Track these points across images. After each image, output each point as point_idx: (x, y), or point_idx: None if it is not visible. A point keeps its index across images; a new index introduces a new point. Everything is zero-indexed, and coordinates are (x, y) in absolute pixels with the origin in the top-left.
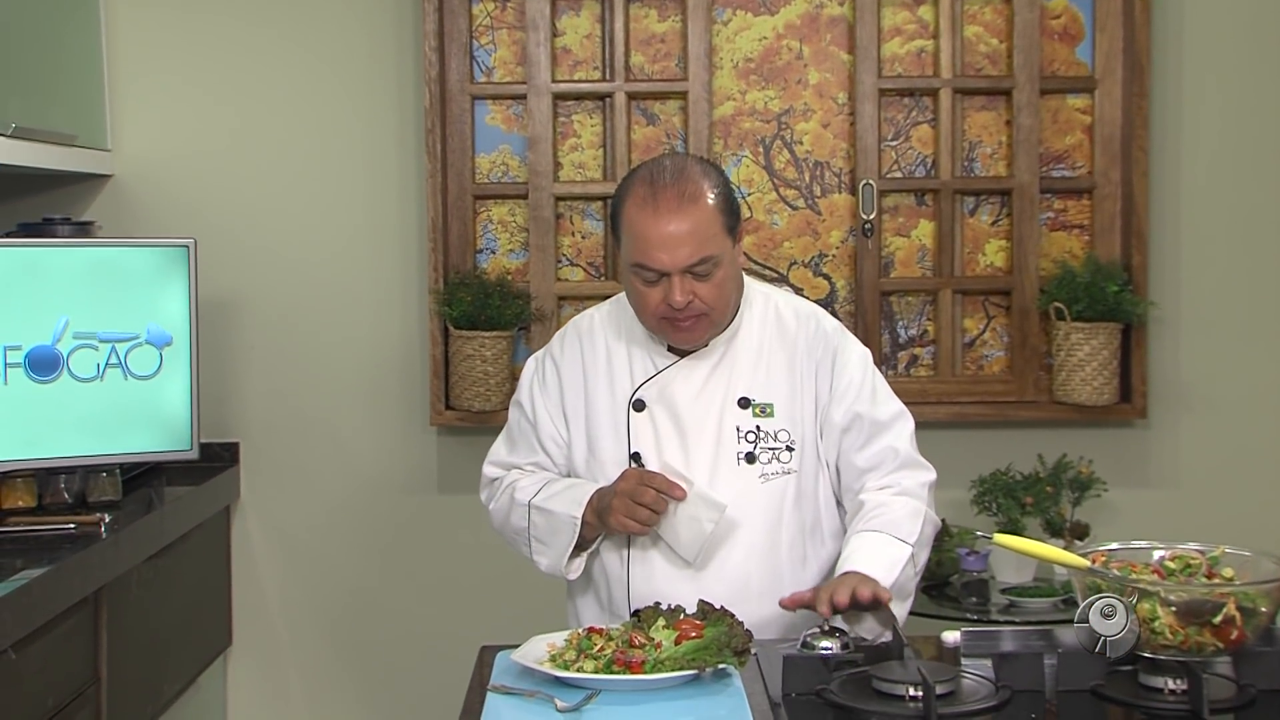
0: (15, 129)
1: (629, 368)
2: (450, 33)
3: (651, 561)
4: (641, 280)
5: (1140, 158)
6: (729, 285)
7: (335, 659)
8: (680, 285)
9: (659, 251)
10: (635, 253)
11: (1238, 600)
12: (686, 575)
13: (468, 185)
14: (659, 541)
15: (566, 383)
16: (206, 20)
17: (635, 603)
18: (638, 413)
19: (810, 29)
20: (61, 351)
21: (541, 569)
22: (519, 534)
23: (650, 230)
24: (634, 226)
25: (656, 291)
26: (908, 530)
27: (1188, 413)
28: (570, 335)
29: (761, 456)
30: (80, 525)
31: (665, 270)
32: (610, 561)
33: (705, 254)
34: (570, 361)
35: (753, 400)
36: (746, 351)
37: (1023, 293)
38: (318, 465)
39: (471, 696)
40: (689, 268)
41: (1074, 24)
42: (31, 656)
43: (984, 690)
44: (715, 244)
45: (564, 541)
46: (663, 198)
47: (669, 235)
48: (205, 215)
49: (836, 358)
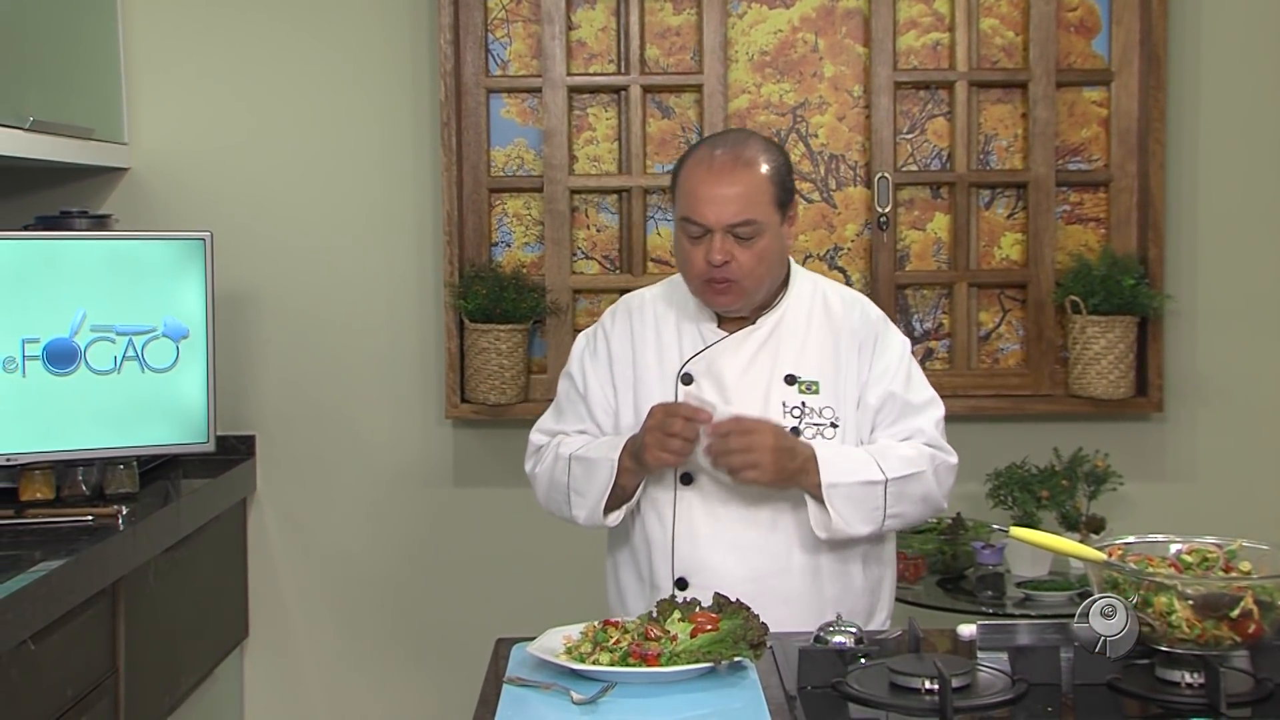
0: (33, 123)
1: (678, 342)
2: (465, 26)
3: (697, 531)
4: (687, 236)
5: (1157, 150)
6: (769, 257)
7: (351, 651)
8: (720, 244)
9: (706, 207)
10: (684, 207)
11: (1255, 594)
12: (730, 545)
13: (483, 178)
14: (705, 512)
15: (616, 355)
16: (223, 14)
17: (679, 572)
18: (686, 386)
19: (825, 22)
20: (79, 344)
21: (580, 522)
22: (559, 491)
23: (701, 186)
24: (688, 183)
25: (700, 249)
26: (891, 466)
27: (1204, 406)
28: (621, 311)
29: (806, 432)
30: (98, 517)
31: (708, 226)
32: (654, 531)
33: (749, 217)
34: (620, 335)
35: (799, 377)
36: (793, 330)
37: (1038, 286)
38: (334, 458)
39: (487, 689)
40: (731, 227)
41: (1090, 16)
42: (50, 647)
43: (1000, 683)
44: (761, 211)
45: (600, 486)
46: (720, 159)
47: (718, 193)
48: (222, 208)
49: (878, 342)
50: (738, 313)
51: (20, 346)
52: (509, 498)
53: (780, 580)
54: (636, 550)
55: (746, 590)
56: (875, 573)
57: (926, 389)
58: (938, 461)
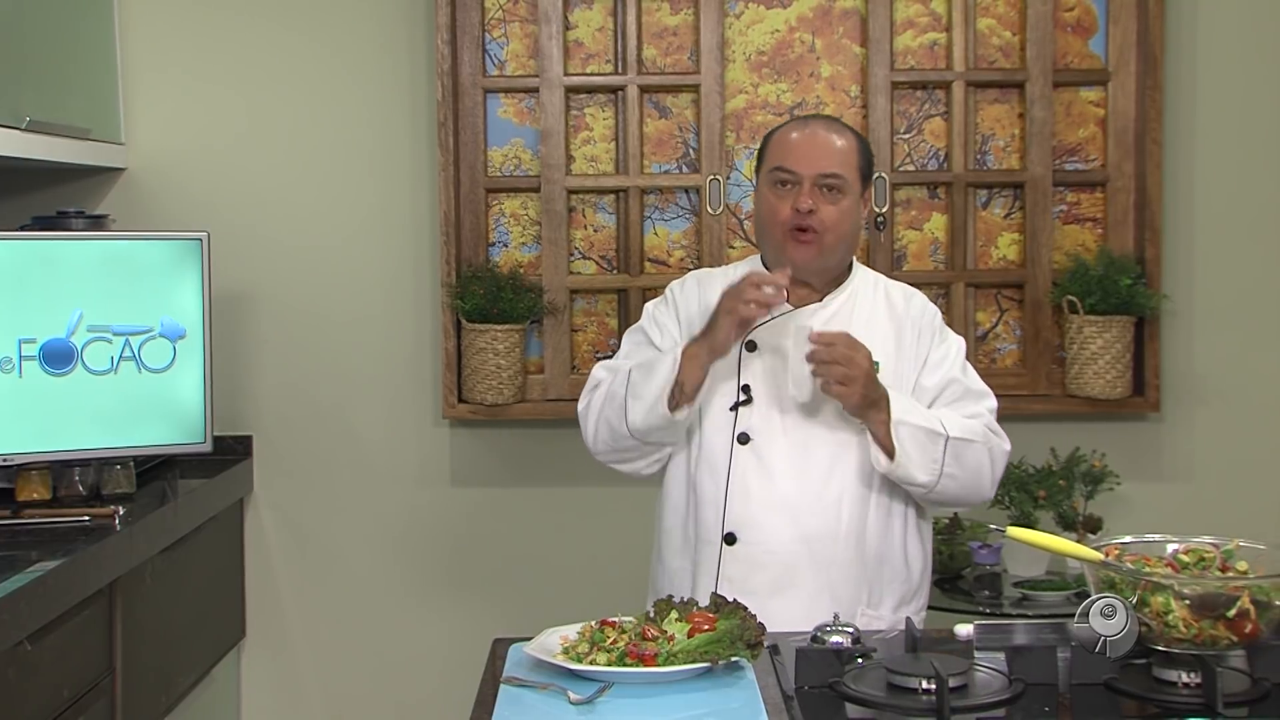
0: (30, 123)
1: None
2: (462, 26)
3: (749, 488)
4: (776, 187)
5: (1154, 150)
6: (849, 220)
7: (348, 651)
8: (810, 191)
9: (800, 152)
10: (776, 157)
11: (1252, 594)
12: (781, 504)
13: (480, 178)
14: (759, 469)
15: (683, 319)
16: (219, 14)
17: (729, 526)
18: (750, 352)
19: (823, 22)
20: (76, 344)
21: (638, 423)
22: (614, 406)
23: (796, 138)
24: (782, 139)
25: (787, 200)
26: (954, 425)
27: (1201, 406)
28: (690, 279)
29: None
30: (95, 518)
31: (800, 174)
32: (706, 486)
33: (838, 170)
34: (689, 300)
35: None
36: (857, 312)
37: (1035, 286)
38: (331, 458)
39: (484, 689)
40: (822, 177)
41: (1087, 16)
42: (47, 648)
43: (997, 683)
44: (848, 169)
45: (661, 380)
46: (814, 122)
47: (811, 144)
48: (219, 208)
49: (938, 333)
50: (812, 274)
51: (17, 347)
52: (506, 497)
53: (827, 545)
54: (687, 506)
55: (793, 551)
56: (917, 552)
57: (981, 383)
58: (993, 442)
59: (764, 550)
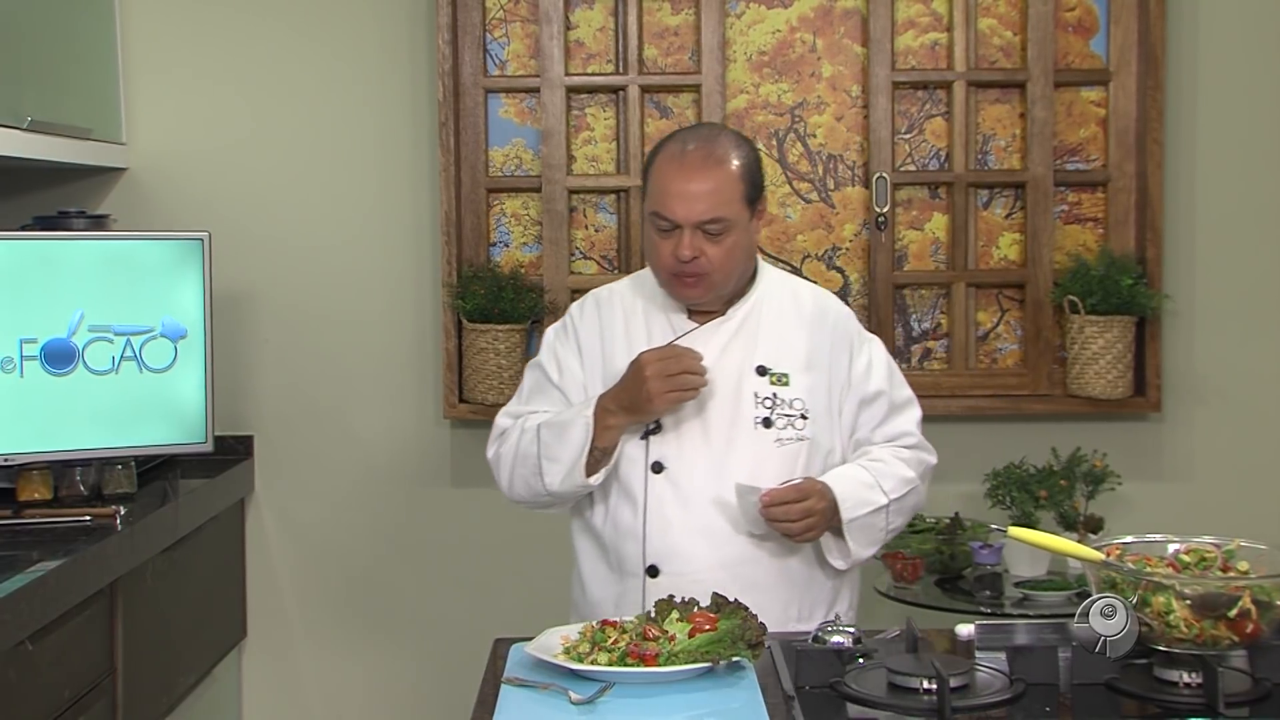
0: (31, 123)
1: (647, 333)
2: (463, 26)
3: (669, 519)
4: (657, 230)
5: (1155, 150)
6: (738, 253)
7: (349, 651)
8: (690, 240)
9: (676, 203)
10: (655, 202)
11: (1253, 594)
12: (703, 532)
13: (481, 178)
14: (676, 499)
15: (586, 347)
16: (220, 14)
17: (651, 559)
18: None
19: (824, 22)
20: (77, 344)
21: (553, 489)
22: (527, 464)
23: (672, 183)
24: (658, 179)
25: (669, 243)
26: (892, 487)
27: (1202, 406)
28: (589, 303)
29: (778, 422)
30: (96, 517)
31: (678, 222)
32: (625, 518)
33: (718, 215)
34: (589, 327)
35: (770, 369)
36: (764, 323)
37: (1036, 286)
38: (332, 458)
39: (485, 689)
40: (701, 224)
41: (1088, 16)
42: (48, 648)
43: (998, 683)
44: (731, 209)
45: (576, 446)
46: (691, 155)
47: (689, 190)
48: (220, 208)
49: (856, 338)
50: (707, 305)
51: (18, 347)
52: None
53: (751, 568)
54: (604, 539)
55: (718, 577)
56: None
57: (906, 387)
58: (924, 467)
59: (689, 580)
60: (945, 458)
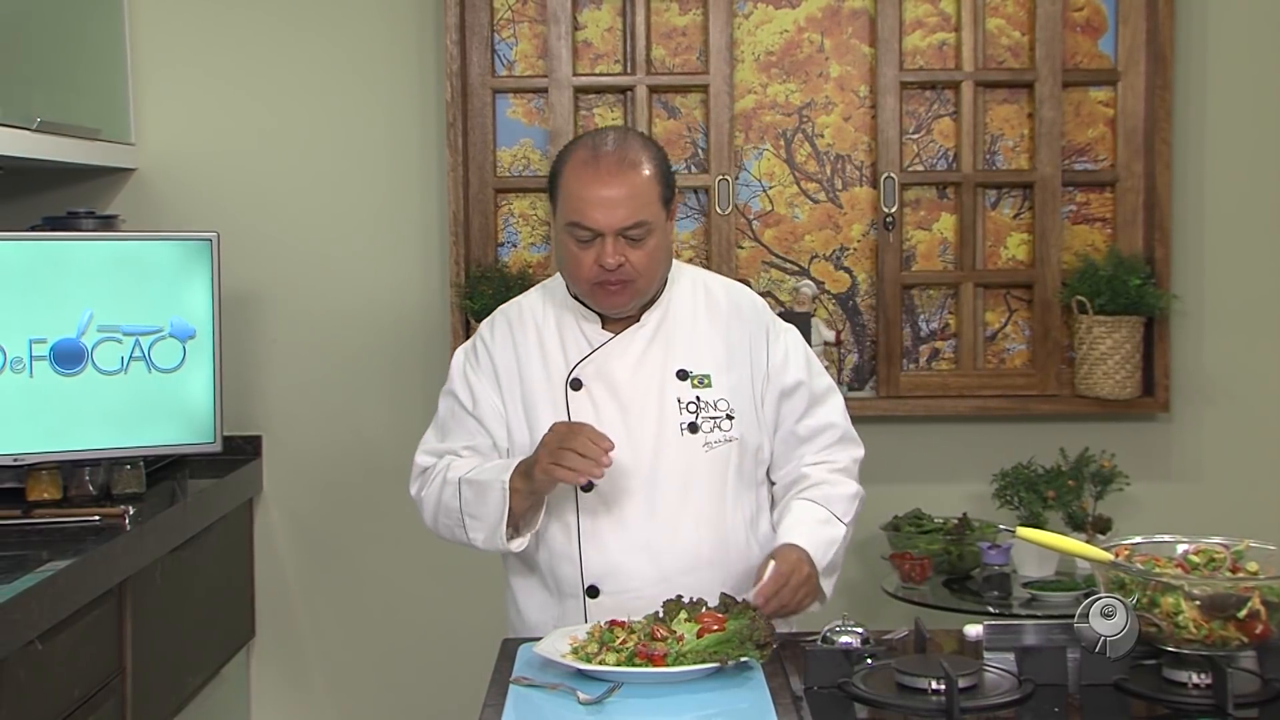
0: (40, 123)
1: (562, 348)
2: (471, 26)
3: (604, 537)
4: (575, 241)
5: (1163, 150)
6: (659, 255)
7: (357, 651)
8: (613, 247)
9: (596, 211)
10: (572, 212)
11: (1262, 594)
12: (639, 547)
13: (489, 179)
14: (609, 516)
15: (500, 366)
16: (228, 14)
17: (589, 580)
18: (575, 391)
19: (831, 22)
20: (86, 344)
21: (480, 546)
22: (450, 516)
23: (589, 191)
24: (573, 187)
25: (590, 253)
26: (844, 510)
27: (1210, 406)
28: (499, 320)
29: (704, 426)
30: (105, 517)
31: (600, 231)
32: (558, 540)
33: (640, 219)
34: (501, 346)
35: (691, 372)
36: (679, 325)
37: (1044, 286)
38: (340, 458)
39: (494, 689)
40: (623, 230)
41: (1096, 16)
42: (57, 647)
43: (1007, 684)
44: (650, 211)
45: (495, 510)
46: (604, 162)
47: (607, 197)
48: (228, 209)
49: (770, 329)
50: (624, 312)
51: (28, 347)
52: None
53: (691, 578)
54: (538, 563)
55: (658, 591)
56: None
57: (825, 376)
58: (857, 467)
59: (631, 595)
60: (953, 458)
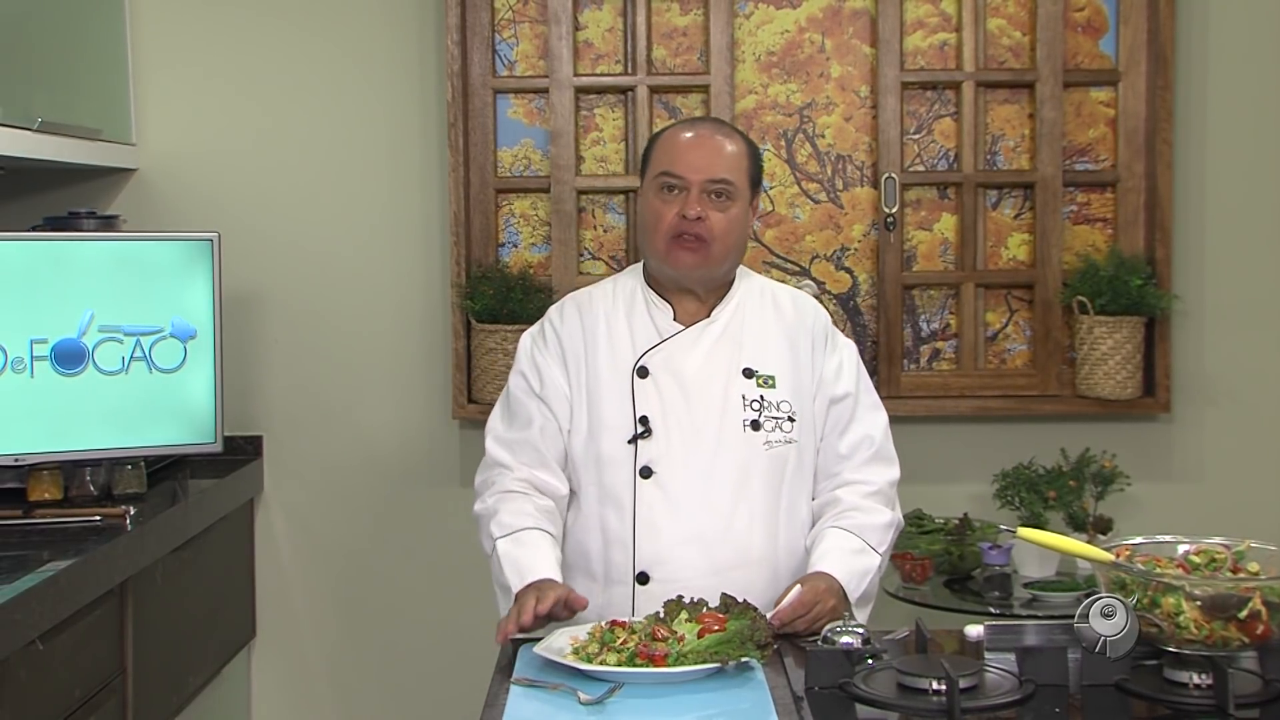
0: (41, 123)
1: (630, 337)
2: (472, 26)
3: (658, 525)
4: (663, 192)
5: (1164, 151)
6: (736, 229)
7: (358, 651)
8: (698, 198)
9: (690, 158)
10: (664, 161)
11: (1263, 595)
12: (693, 538)
13: (490, 179)
14: (666, 505)
15: (568, 349)
16: (230, 15)
17: (641, 566)
18: (642, 379)
19: (832, 22)
20: (87, 344)
21: None
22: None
23: (684, 143)
24: (668, 143)
25: (673, 205)
26: (878, 540)
27: (1212, 406)
28: (569, 306)
29: (766, 425)
30: (106, 517)
31: (688, 179)
32: (613, 525)
33: (726, 176)
34: (570, 330)
35: (757, 371)
36: (748, 325)
37: (1045, 286)
38: (341, 458)
39: (495, 689)
40: (710, 182)
41: (1097, 16)
42: (58, 647)
43: (1008, 684)
44: (737, 176)
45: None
46: (700, 126)
47: (701, 148)
48: (229, 209)
49: (830, 340)
50: (696, 283)
51: (29, 347)
52: None
53: (741, 573)
54: (590, 548)
55: (708, 584)
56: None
57: (873, 393)
58: (893, 490)
59: (679, 586)
60: (954, 458)
